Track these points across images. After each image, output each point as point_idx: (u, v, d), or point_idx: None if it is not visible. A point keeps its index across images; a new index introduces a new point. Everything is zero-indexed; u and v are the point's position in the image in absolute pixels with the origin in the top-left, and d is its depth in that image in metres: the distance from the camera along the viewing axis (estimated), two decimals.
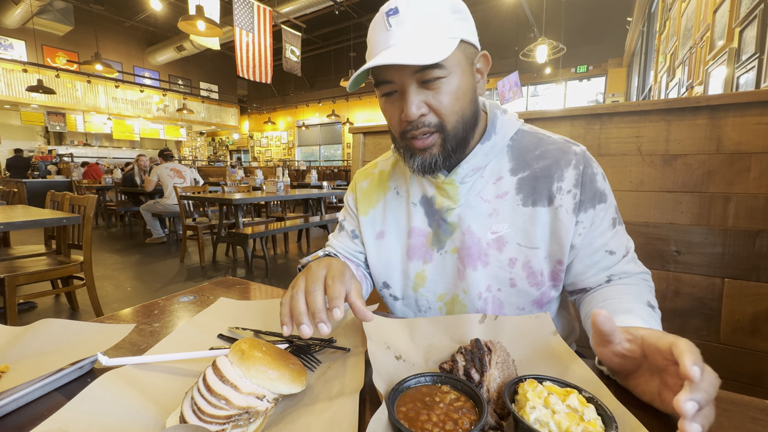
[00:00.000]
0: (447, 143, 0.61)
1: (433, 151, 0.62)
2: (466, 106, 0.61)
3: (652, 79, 6.31)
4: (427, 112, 0.59)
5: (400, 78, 0.58)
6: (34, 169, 9.19)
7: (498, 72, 10.01)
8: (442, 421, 0.35)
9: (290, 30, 7.05)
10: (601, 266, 0.65)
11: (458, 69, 0.59)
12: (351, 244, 0.81)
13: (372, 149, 1.57)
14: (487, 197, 0.67)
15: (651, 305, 0.59)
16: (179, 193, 4.03)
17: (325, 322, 0.46)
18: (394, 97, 0.61)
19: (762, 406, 0.41)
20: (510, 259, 0.65)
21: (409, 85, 0.58)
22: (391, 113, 0.63)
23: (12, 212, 2.31)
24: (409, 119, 0.59)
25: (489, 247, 0.66)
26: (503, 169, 0.68)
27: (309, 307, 0.48)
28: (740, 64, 2.60)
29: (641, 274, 0.66)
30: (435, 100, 0.59)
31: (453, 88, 0.59)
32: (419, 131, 0.60)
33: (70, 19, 10.32)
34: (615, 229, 0.66)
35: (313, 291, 0.49)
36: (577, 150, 0.66)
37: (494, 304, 0.67)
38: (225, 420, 0.35)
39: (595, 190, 0.64)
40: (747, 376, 0.97)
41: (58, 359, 0.48)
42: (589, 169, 0.65)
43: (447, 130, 0.61)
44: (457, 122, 0.61)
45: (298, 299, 0.49)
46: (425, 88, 0.58)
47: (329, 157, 15.59)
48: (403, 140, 0.64)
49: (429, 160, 0.63)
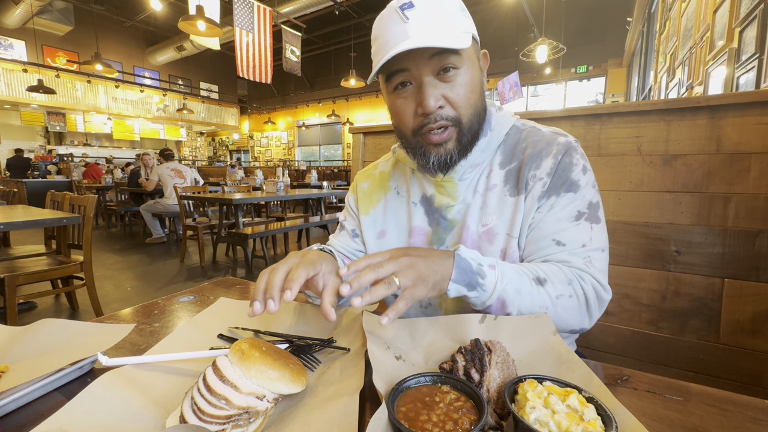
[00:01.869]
0: (462, 137, 0.62)
1: (449, 147, 0.62)
2: (478, 100, 0.62)
3: (652, 79, 6.31)
4: (444, 104, 0.60)
5: (417, 67, 0.58)
6: (34, 169, 9.18)
7: (498, 72, 10.01)
8: (442, 421, 0.35)
9: (290, 30, 7.05)
10: (543, 254, 0.62)
11: (472, 63, 0.60)
12: (351, 243, 0.82)
13: (372, 149, 1.57)
14: (480, 190, 0.68)
15: (537, 277, 0.57)
16: (179, 193, 4.03)
17: (273, 299, 0.49)
18: (408, 91, 0.61)
19: (762, 406, 0.41)
20: (501, 251, 0.65)
21: (425, 76, 0.58)
22: (404, 108, 0.62)
23: (12, 212, 2.31)
24: (427, 111, 0.59)
25: (481, 239, 0.66)
26: (494, 162, 0.69)
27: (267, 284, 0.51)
28: (740, 64, 2.60)
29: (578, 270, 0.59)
30: (452, 92, 0.59)
31: (468, 80, 0.60)
32: (436, 125, 0.60)
33: (70, 19, 10.32)
34: (578, 222, 0.61)
35: (276, 270, 0.52)
36: (562, 140, 0.65)
37: None
38: (225, 420, 0.35)
39: (566, 179, 0.62)
40: (747, 376, 0.97)
41: (58, 359, 0.48)
42: (566, 159, 0.63)
43: (463, 123, 0.61)
44: (472, 115, 0.62)
45: (261, 278, 0.53)
46: (441, 80, 0.59)
47: (329, 157, 15.59)
48: (417, 136, 0.63)
49: (445, 156, 0.63)
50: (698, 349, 1.02)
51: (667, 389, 0.45)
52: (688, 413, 0.40)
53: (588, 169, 0.65)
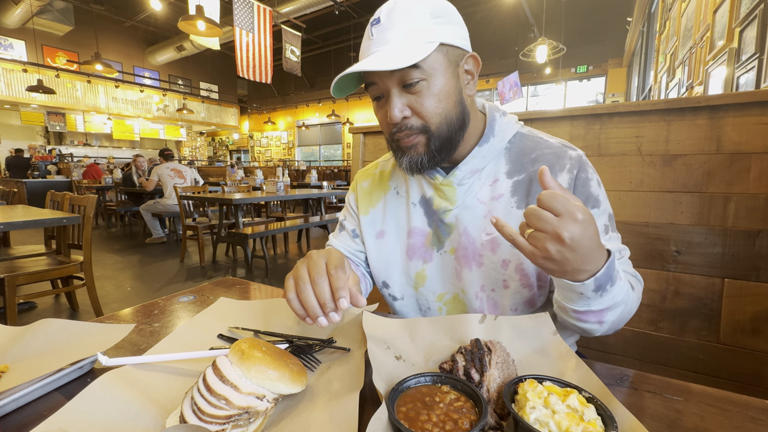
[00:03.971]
0: (431, 143, 0.63)
1: (419, 150, 0.64)
2: (450, 108, 0.62)
3: (652, 79, 6.31)
4: (410, 115, 0.61)
5: (383, 82, 0.61)
6: (34, 169, 9.18)
7: (498, 72, 10.01)
8: (442, 421, 0.35)
9: (290, 30, 7.05)
10: None
11: (439, 72, 0.60)
12: (351, 243, 0.81)
13: (372, 149, 1.57)
14: (483, 199, 0.67)
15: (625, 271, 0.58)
16: (179, 193, 4.03)
17: (336, 311, 0.50)
18: (382, 101, 0.64)
19: (762, 406, 0.41)
20: (503, 261, 0.65)
21: (391, 89, 0.60)
22: (380, 116, 0.66)
23: (12, 212, 2.31)
24: (392, 122, 0.61)
25: (483, 248, 0.66)
26: (500, 171, 0.68)
27: (318, 298, 0.50)
28: (740, 64, 2.60)
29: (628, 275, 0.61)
30: (417, 103, 0.60)
31: (435, 90, 0.60)
32: (403, 133, 0.62)
33: (70, 19, 10.32)
34: (608, 235, 0.64)
35: (320, 283, 0.50)
36: (573, 154, 0.65)
37: (489, 303, 0.68)
38: (225, 420, 0.35)
39: (588, 195, 0.64)
40: (747, 376, 0.97)
41: (58, 359, 0.48)
42: (583, 174, 0.64)
43: (431, 131, 0.62)
44: (441, 123, 0.62)
45: (307, 293, 0.50)
46: (408, 92, 0.60)
47: (329, 157, 15.59)
48: (393, 140, 0.66)
49: (415, 159, 0.64)
50: (698, 349, 1.02)
51: (667, 389, 0.45)
52: (688, 413, 0.40)
53: (600, 182, 0.66)
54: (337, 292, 0.49)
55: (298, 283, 0.51)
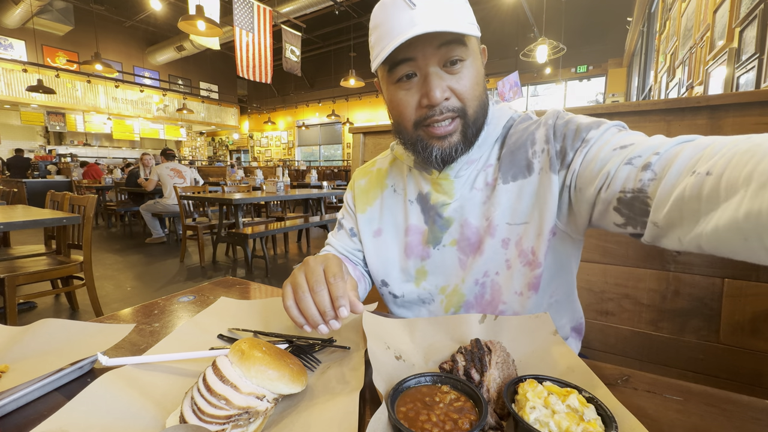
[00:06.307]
0: (468, 129, 0.61)
1: (453, 140, 0.61)
2: (483, 93, 0.62)
3: (652, 79, 6.31)
4: (450, 96, 0.59)
5: (424, 56, 0.56)
6: (34, 169, 9.19)
7: (498, 72, 10.00)
8: (442, 421, 0.35)
9: (290, 30, 7.05)
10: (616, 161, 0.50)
11: (475, 55, 0.60)
12: (350, 243, 0.81)
13: (372, 149, 1.57)
14: (479, 186, 0.67)
15: None
16: (179, 193, 4.03)
17: (336, 319, 0.49)
18: (413, 83, 0.59)
19: (762, 406, 0.41)
20: (502, 240, 0.64)
21: (431, 66, 0.57)
22: (406, 100, 0.60)
23: (12, 212, 2.31)
24: (434, 103, 0.57)
25: (485, 233, 0.65)
26: (492, 156, 0.68)
27: (317, 306, 0.49)
28: (740, 64, 2.60)
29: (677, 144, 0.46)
30: (458, 84, 0.58)
31: (473, 72, 0.59)
32: (442, 117, 0.59)
33: (70, 19, 10.32)
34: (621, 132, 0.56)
35: (319, 291, 0.49)
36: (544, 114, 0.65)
37: (492, 288, 0.66)
38: (225, 420, 0.35)
39: (576, 128, 0.59)
40: (747, 376, 0.97)
41: (58, 359, 0.48)
42: (560, 121, 0.62)
43: (468, 115, 0.60)
44: (477, 108, 0.61)
45: (306, 301, 0.49)
46: (447, 72, 0.58)
47: (329, 157, 15.59)
48: (418, 129, 0.62)
49: (449, 149, 0.61)
50: (698, 349, 1.02)
51: (667, 389, 0.44)
52: (688, 413, 0.40)
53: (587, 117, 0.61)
54: (336, 300, 0.48)
55: (297, 291, 0.50)
